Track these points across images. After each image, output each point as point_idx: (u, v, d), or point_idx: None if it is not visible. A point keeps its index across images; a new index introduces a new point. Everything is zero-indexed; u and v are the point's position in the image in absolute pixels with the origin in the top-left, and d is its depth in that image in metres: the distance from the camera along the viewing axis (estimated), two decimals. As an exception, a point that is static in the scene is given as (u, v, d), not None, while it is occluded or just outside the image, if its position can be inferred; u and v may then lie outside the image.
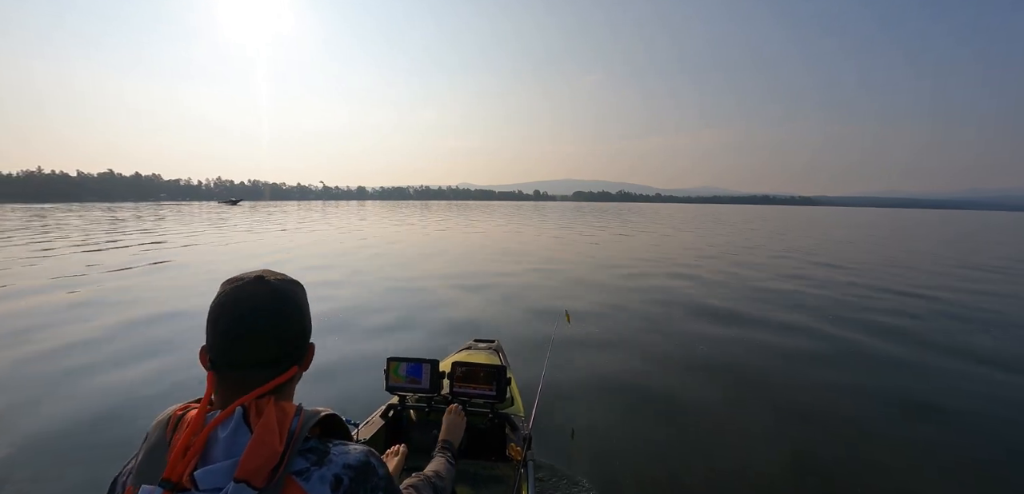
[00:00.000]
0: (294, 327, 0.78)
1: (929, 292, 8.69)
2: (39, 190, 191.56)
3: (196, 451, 0.66)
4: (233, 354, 0.73)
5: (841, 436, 3.34)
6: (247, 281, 0.77)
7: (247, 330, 0.73)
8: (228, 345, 0.73)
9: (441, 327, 5.89)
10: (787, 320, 6.45)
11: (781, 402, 3.85)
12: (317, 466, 0.69)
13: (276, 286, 0.78)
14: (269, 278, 0.79)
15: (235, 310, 0.74)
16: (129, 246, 14.45)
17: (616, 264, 11.94)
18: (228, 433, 0.68)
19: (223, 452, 0.66)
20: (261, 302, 0.75)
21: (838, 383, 4.27)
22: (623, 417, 3.58)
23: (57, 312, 6.32)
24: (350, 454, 0.73)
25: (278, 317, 0.76)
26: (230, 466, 0.65)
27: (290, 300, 0.78)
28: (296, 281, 0.83)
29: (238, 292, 0.76)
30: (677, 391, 4.03)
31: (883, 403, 3.88)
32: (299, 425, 0.71)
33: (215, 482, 0.64)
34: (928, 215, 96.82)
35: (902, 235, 25.77)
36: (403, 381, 2.15)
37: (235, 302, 0.75)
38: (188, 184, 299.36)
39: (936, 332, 5.99)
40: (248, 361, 0.74)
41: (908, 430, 3.44)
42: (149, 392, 3.85)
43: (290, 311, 0.78)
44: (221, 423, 0.68)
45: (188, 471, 0.65)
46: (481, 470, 2.06)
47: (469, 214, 46.33)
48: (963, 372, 4.55)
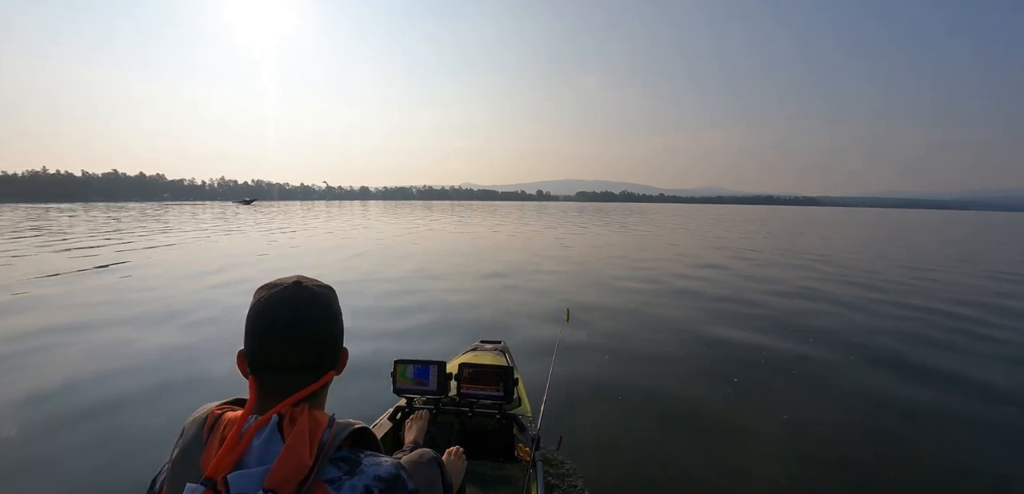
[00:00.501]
0: (329, 332, 0.80)
1: (949, 305, 8.62)
2: (44, 190, 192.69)
3: (236, 456, 0.67)
4: (270, 358, 0.75)
5: (857, 445, 3.32)
6: (284, 286, 0.78)
7: (284, 335, 0.75)
8: (266, 350, 0.75)
9: (447, 328, 5.89)
10: (800, 324, 6.42)
11: (793, 409, 3.82)
12: (348, 476, 0.71)
13: (312, 291, 0.79)
14: (306, 283, 0.80)
15: (271, 315, 0.75)
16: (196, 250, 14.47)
17: (621, 264, 11.93)
18: (262, 441, 0.69)
19: (256, 459, 0.68)
20: (298, 306, 0.76)
21: (854, 391, 4.24)
22: (630, 418, 3.57)
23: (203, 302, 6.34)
24: (381, 466, 0.75)
25: (313, 322, 0.77)
26: (261, 474, 0.66)
27: (325, 305, 0.80)
28: (330, 287, 0.85)
29: (275, 297, 0.77)
30: (685, 393, 4.02)
31: (902, 418, 3.81)
32: (330, 437, 0.72)
33: (246, 487, 0.65)
34: (933, 216, 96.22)
35: (907, 235, 25.64)
36: (410, 383, 2.15)
37: (272, 307, 0.76)
38: (192, 184, 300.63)
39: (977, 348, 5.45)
40: (285, 365, 0.75)
41: (933, 452, 3.29)
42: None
43: (325, 316, 0.79)
44: (256, 430, 0.70)
45: (221, 473, 0.66)
46: (490, 471, 2.06)
47: (472, 214, 46.33)
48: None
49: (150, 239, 16.89)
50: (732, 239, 20.53)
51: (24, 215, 35.93)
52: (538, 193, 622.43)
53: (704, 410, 3.71)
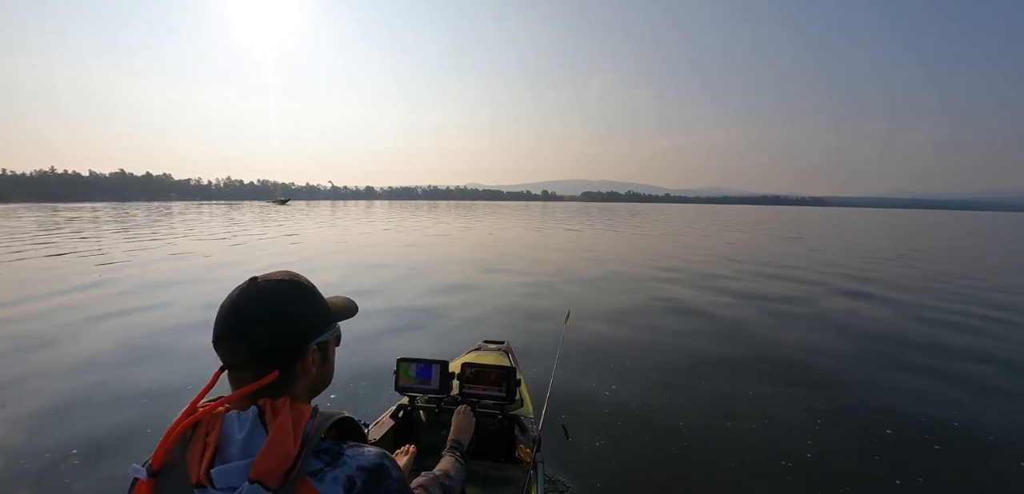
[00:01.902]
0: (272, 331, 0.75)
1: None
2: (52, 190, 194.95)
3: (212, 449, 0.67)
4: (219, 353, 0.76)
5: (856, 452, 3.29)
6: (242, 284, 0.78)
7: (224, 332, 0.75)
8: (215, 344, 0.76)
9: (450, 328, 5.89)
10: (813, 327, 6.36)
11: (809, 414, 3.77)
12: (331, 467, 0.70)
13: (263, 288, 0.77)
14: (261, 280, 0.78)
15: (220, 312, 0.76)
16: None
17: (627, 265, 11.89)
18: (244, 433, 0.68)
19: (239, 452, 0.67)
20: (242, 304, 0.75)
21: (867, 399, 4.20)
22: (632, 421, 3.54)
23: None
24: (364, 456, 0.74)
25: (256, 321, 0.75)
26: (245, 466, 0.65)
27: (273, 303, 0.76)
28: (295, 281, 0.81)
29: (231, 294, 0.77)
30: (688, 397, 3.98)
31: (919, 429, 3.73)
32: (314, 427, 0.71)
33: (230, 481, 0.65)
34: (944, 217, 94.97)
35: (921, 234, 25.39)
36: (413, 382, 2.15)
37: (224, 304, 0.77)
38: (198, 184, 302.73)
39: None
40: (230, 361, 0.76)
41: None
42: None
43: (269, 315, 0.76)
44: (237, 422, 0.69)
45: (204, 467, 0.66)
46: (491, 471, 2.06)
47: (476, 214, 46.37)
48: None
49: (208, 234, 17.05)
50: (744, 237, 20.39)
51: (65, 217, 36.29)
52: (543, 193, 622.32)
53: (710, 415, 3.66)
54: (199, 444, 0.68)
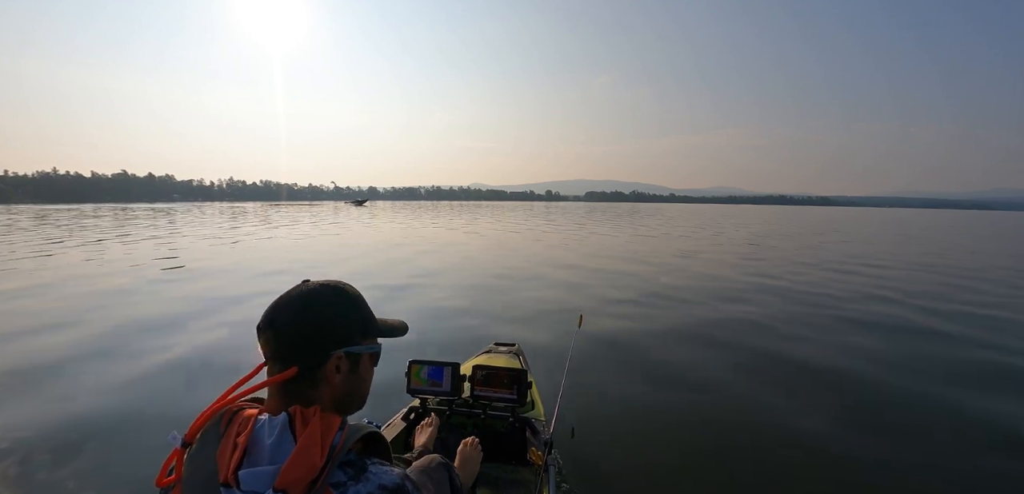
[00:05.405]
0: (296, 326, 0.78)
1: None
2: (55, 191, 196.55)
3: (241, 451, 0.69)
4: (259, 344, 0.81)
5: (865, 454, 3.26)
6: (299, 283, 0.85)
7: (261, 323, 0.80)
8: (257, 335, 0.81)
9: (460, 330, 5.88)
10: (825, 332, 6.31)
11: (824, 420, 3.73)
12: (354, 482, 0.71)
13: (306, 288, 0.82)
14: (310, 283, 0.84)
15: (270, 307, 0.82)
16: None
17: (628, 266, 11.85)
18: (273, 439, 0.70)
19: (267, 457, 0.69)
20: (283, 300, 0.81)
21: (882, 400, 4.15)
22: (644, 426, 3.52)
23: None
24: (386, 475, 0.74)
25: (286, 315, 0.79)
26: (272, 472, 0.67)
27: (306, 300, 0.80)
28: (336, 287, 0.84)
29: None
30: (702, 402, 3.93)
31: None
32: (342, 440, 0.73)
33: (256, 485, 0.66)
34: (962, 216, 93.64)
35: (939, 235, 25.12)
36: (424, 384, 2.16)
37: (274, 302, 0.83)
38: (200, 184, 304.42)
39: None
40: (266, 353, 0.80)
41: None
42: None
43: (298, 310, 0.79)
44: (268, 427, 0.71)
45: (232, 467, 0.67)
46: (502, 474, 2.06)
47: (479, 215, 46.38)
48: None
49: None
50: (753, 236, 20.24)
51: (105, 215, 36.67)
52: (547, 193, 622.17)
53: (727, 419, 3.61)
54: (230, 443, 0.70)
